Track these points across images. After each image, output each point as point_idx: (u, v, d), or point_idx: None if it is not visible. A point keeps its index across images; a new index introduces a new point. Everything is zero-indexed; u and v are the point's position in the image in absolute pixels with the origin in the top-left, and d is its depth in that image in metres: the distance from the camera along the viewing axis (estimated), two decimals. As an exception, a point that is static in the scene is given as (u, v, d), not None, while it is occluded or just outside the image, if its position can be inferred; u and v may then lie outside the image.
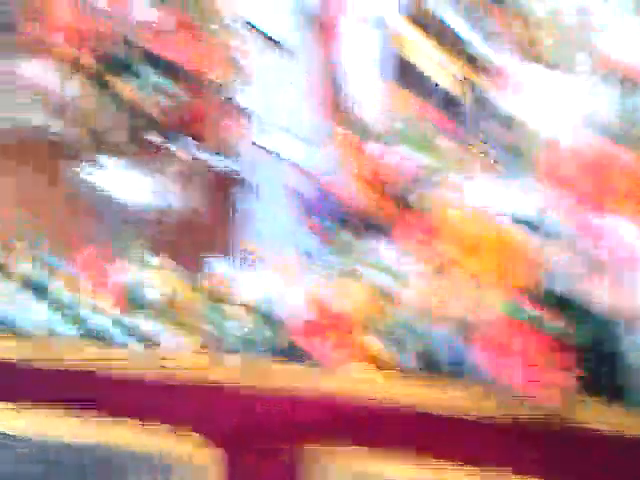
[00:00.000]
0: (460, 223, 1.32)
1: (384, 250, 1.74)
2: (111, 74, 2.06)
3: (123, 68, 2.06)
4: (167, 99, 2.08)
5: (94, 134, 2.19)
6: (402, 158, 3.59)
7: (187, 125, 2.17)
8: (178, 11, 2.08)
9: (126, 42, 2.04)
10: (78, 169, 2.25)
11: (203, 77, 2.14)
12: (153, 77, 2.05)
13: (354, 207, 3.70)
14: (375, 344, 1.51)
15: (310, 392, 1.56)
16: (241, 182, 3.47)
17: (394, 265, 1.52)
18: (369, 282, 1.53)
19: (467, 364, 1.41)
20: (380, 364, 1.51)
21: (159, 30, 2.05)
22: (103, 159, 2.21)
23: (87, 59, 2.06)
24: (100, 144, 2.20)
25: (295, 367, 1.58)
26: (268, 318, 1.63)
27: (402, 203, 3.60)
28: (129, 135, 2.18)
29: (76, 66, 2.07)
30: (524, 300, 1.26)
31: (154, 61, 2.07)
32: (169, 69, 2.08)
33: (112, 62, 2.05)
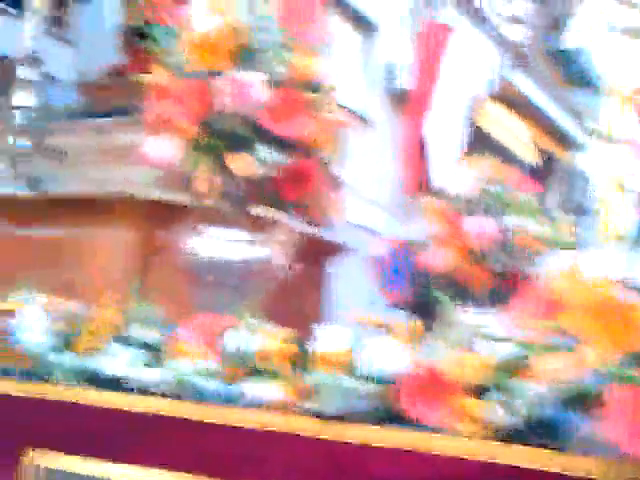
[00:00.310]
0: (576, 292, 1.39)
1: (488, 320, 1.80)
2: (227, 150, 2.19)
3: (239, 144, 2.19)
4: (277, 172, 2.20)
5: (205, 205, 2.32)
6: (502, 226, 3.64)
7: (293, 196, 2.28)
8: (289, 90, 2.21)
9: (243, 120, 2.17)
10: (186, 239, 2.37)
11: (311, 151, 2.25)
12: (266, 152, 2.17)
13: (448, 276, 3.75)
14: (483, 408, 1.57)
15: (414, 453, 1.63)
16: (333, 248, 3.58)
17: (507, 335, 1.58)
18: (483, 351, 1.59)
19: (581, 432, 1.46)
20: (487, 428, 1.57)
21: (272, 107, 2.17)
22: (212, 229, 2.33)
23: (206, 136, 2.20)
24: (210, 215, 2.32)
25: (400, 429, 1.65)
26: (374, 380, 1.70)
27: (502, 272, 3.63)
28: (239, 206, 2.31)
29: (195, 143, 2.21)
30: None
31: (267, 137, 2.19)
32: (280, 144, 2.20)
33: (229, 139, 2.18)
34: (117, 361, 1.93)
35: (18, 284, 2.32)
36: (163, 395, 1.89)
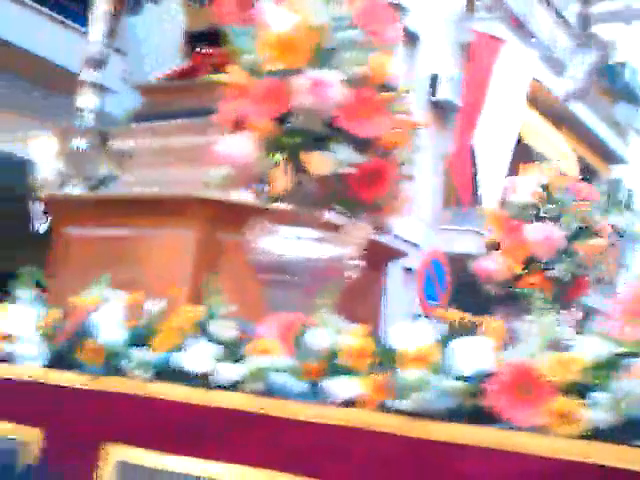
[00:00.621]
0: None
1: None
2: (304, 149, 2.19)
3: (316, 143, 2.19)
4: (353, 172, 2.19)
5: (279, 204, 2.32)
6: (564, 233, 3.58)
7: (367, 196, 2.27)
8: (365, 89, 2.20)
9: (320, 119, 2.17)
10: (258, 238, 2.38)
11: (386, 151, 2.25)
12: (343, 151, 2.16)
13: (508, 283, 3.71)
14: (578, 407, 1.55)
15: (501, 452, 1.61)
16: (394, 252, 3.57)
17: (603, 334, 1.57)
18: (577, 350, 1.57)
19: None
20: (581, 426, 1.55)
21: (349, 107, 2.17)
22: (284, 228, 2.33)
23: (283, 135, 2.20)
24: (283, 213, 2.33)
25: (486, 427, 1.64)
26: (462, 377, 1.68)
27: (564, 278, 3.58)
28: (312, 205, 2.31)
29: (271, 141, 2.21)
30: None
31: (344, 136, 2.19)
32: (356, 143, 2.20)
33: (306, 137, 2.19)
34: (197, 357, 1.94)
35: (93, 281, 2.34)
36: (242, 391, 1.88)
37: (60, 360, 2.18)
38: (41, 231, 4.52)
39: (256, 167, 2.26)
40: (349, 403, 1.76)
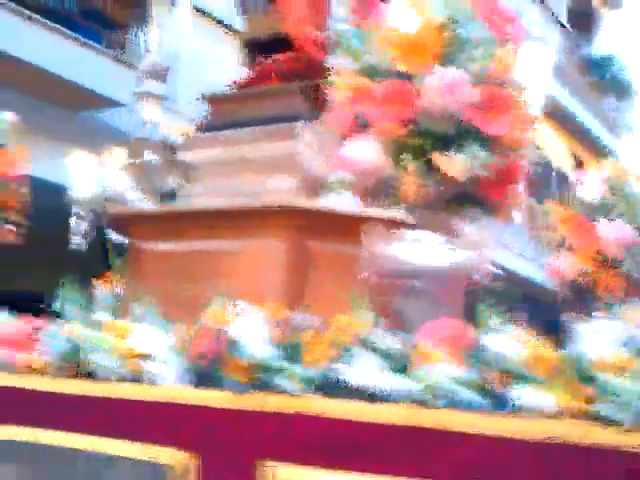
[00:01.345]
0: None
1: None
2: (435, 150, 2.14)
3: (448, 144, 2.14)
4: (486, 172, 2.15)
5: (407, 210, 2.27)
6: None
7: (498, 197, 2.23)
8: (494, 87, 2.16)
9: (452, 119, 2.12)
10: (383, 245, 2.32)
11: (514, 150, 2.20)
12: (476, 151, 2.12)
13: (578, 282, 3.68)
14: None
15: None
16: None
17: None
18: None
19: None
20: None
21: (480, 105, 2.13)
22: (410, 233, 2.28)
23: (412, 137, 2.15)
24: (414, 220, 2.27)
25: None
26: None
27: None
28: (440, 208, 2.25)
29: (400, 144, 2.16)
30: None
31: (476, 135, 2.14)
32: (487, 142, 2.15)
33: (437, 139, 2.14)
34: (363, 370, 1.87)
35: (217, 294, 2.28)
36: (414, 404, 1.82)
37: (200, 378, 2.11)
38: (82, 248, 4.43)
39: (382, 172, 2.21)
40: (540, 414, 1.70)
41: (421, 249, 2.27)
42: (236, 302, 2.19)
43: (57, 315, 2.68)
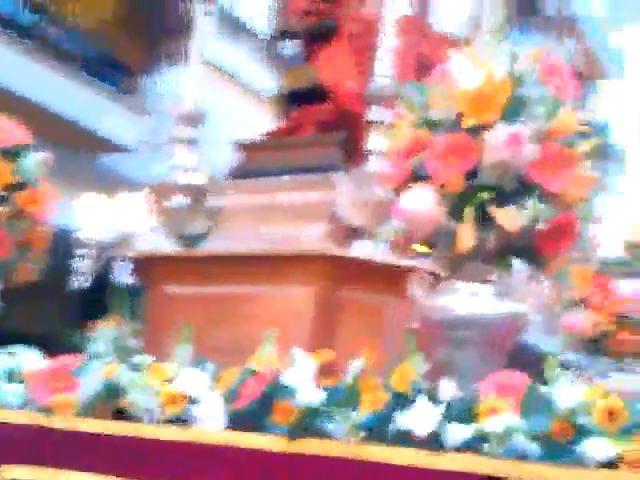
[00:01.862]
0: None
1: None
2: (494, 204, 2.16)
3: (507, 198, 2.16)
4: (542, 227, 2.16)
5: (456, 261, 2.28)
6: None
7: (551, 251, 2.24)
8: (554, 144, 2.19)
9: (513, 174, 2.14)
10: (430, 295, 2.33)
11: (571, 206, 2.22)
12: (537, 207, 2.13)
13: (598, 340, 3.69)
14: None
15: None
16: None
17: None
18: None
19: None
20: None
21: (540, 161, 2.15)
22: (462, 285, 2.28)
23: (472, 189, 2.17)
24: (463, 271, 2.28)
25: None
26: None
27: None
28: (498, 263, 2.26)
29: (461, 196, 2.17)
30: None
31: (535, 191, 2.16)
32: (545, 198, 2.17)
33: (497, 192, 2.15)
34: (422, 418, 1.86)
35: (267, 338, 2.26)
36: (476, 453, 1.81)
37: (244, 422, 2.08)
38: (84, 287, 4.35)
39: (438, 222, 2.22)
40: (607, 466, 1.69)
41: (470, 300, 2.27)
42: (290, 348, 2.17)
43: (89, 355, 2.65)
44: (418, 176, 2.26)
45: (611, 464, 1.69)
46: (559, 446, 1.74)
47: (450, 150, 2.18)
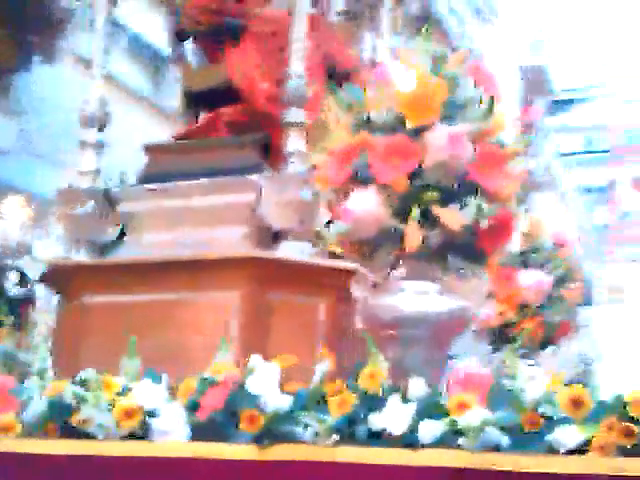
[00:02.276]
0: None
1: None
2: (439, 204, 2.23)
3: (449, 197, 2.23)
4: (483, 225, 2.25)
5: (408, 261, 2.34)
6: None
7: (491, 248, 2.34)
8: (489, 144, 2.28)
9: (454, 173, 2.22)
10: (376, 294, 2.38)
11: (507, 204, 2.32)
12: (479, 205, 2.22)
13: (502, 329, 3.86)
14: None
15: None
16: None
17: None
18: None
19: None
20: None
21: (478, 161, 2.24)
22: (408, 283, 2.34)
23: (415, 190, 2.23)
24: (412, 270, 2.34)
25: None
26: None
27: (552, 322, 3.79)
28: (436, 259, 2.33)
29: (406, 197, 2.23)
30: None
31: (474, 190, 2.25)
32: (485, 197, 2.26)
33: (442, 192, 2.22)
34: (395, 417, 1.90)
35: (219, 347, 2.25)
36: (449, 448, 1.87)
37: (208, 433, 2.07)
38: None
39: (383, 223, 2.27)
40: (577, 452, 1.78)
41: (415, 298, 2.33)
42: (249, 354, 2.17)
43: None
44: (359, 177, 2.30)
45: (581, 450, 1.79)
46: (530, 436, 1.83)
47: (393, 151, 2.23)
